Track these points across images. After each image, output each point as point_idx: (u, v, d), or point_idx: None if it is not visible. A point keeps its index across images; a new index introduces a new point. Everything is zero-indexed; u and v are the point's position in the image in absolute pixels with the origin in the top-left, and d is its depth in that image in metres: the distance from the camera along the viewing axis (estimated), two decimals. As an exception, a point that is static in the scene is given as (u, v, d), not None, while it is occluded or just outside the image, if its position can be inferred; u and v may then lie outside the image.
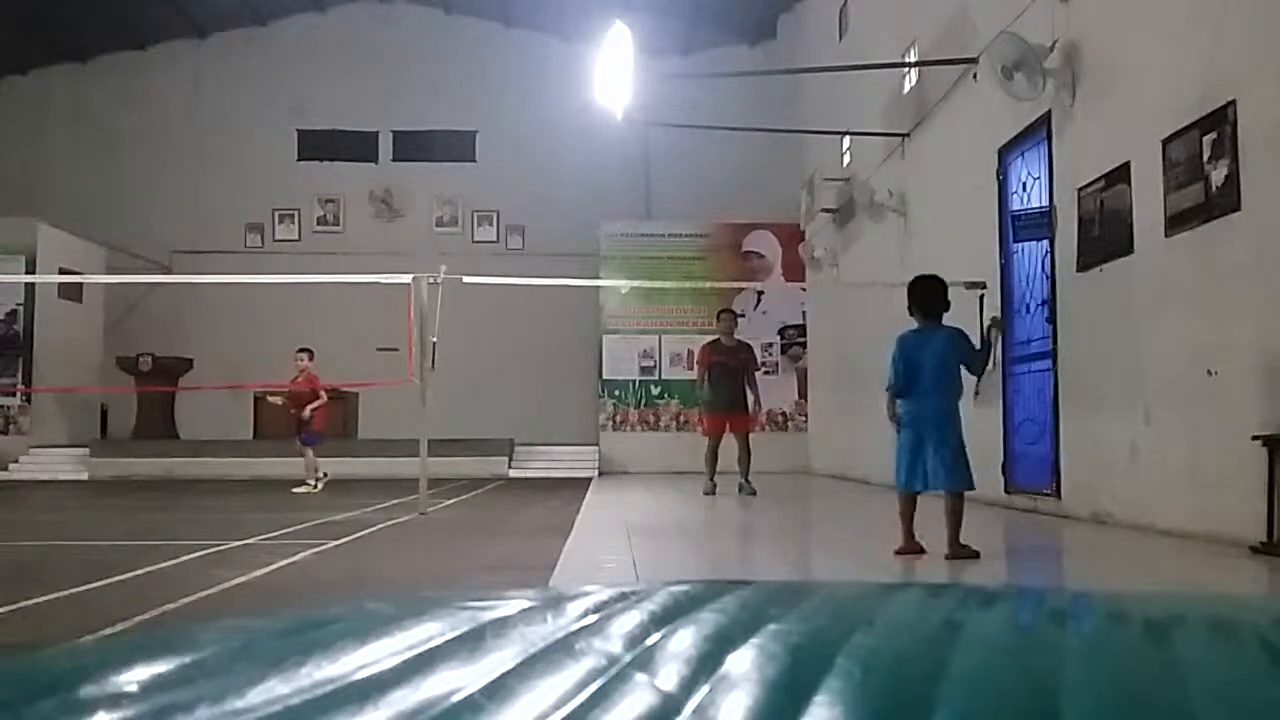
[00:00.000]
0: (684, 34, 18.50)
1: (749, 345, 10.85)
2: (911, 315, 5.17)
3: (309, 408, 11.45)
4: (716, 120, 14.77)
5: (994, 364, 8.02)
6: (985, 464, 8.62)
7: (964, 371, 5.14)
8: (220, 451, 15.64)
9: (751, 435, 10.34)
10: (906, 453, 5.00)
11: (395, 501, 9.08)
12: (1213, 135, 5.54)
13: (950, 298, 5.18)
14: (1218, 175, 5.50)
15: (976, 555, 4.86)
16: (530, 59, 19.02)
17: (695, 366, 10.95)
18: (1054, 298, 7.56)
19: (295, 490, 10.99)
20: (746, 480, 10.09)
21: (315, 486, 11.21)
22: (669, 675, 0.58)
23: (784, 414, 16.98)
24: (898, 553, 5.01)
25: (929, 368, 4.99)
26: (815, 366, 16.69)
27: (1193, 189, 5.72)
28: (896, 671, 0.62)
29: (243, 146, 19.02)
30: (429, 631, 0.68)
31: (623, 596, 0.80)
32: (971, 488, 5.04)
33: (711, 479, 10.30)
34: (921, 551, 4.97)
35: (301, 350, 11.89)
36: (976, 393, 8.70)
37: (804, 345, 17.00)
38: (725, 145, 16.59)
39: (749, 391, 10.20)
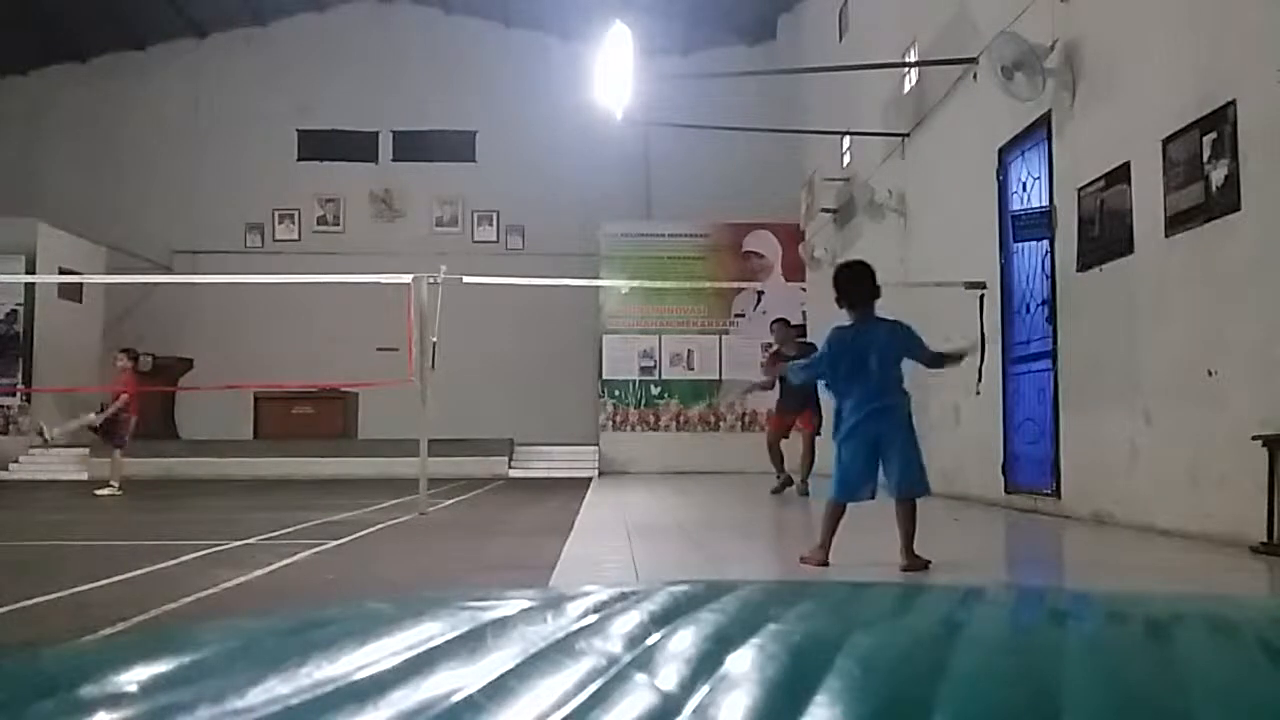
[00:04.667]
0: (684, 34, 18.50)
1: (812, 346, 11.10)
2: (840, 307, 4.61)
3: (106, 412, 11.00)
4: (716, 120, 14.77)
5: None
6: (985, 464, 8.67)
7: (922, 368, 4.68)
8: (220, 451, 15.64)
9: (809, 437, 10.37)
10: (860, 461, 4.44)
11: (395, 501, 9.08)
12: (1213, 135, 5.54)
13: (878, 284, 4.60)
14: (1218, 175, 5.50)
15: (928, 565, 4.41)
16: (530, 59, 19.02)
17: (765, 375, 10.85)
18: (1054, 298, 7.56)
19: (98, 492, 10.68)
20: (804, 481, 10.08)
21: (117, 489, 10.74)
22: (669, 675, 0.58)
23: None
24: (806, 560, 4.56)
25: (875, 366, 4.41)
26: (815, 366, 16.68)
27: (1193, 189, 5.72)
28: (896, 671, 0.62)
29: (243, 146, 19.02)
30: (429, 631, 0.68)
31: (623, 596, 0.80)
32: (930, 493, 4.59)
33: (780, 475, 10.26)
34: (827, 564, 4.48)
35: (122, 350, 11.58)
36: (978, 391, 8.72)
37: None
38: (725, 145, 16.58)
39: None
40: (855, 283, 4.58)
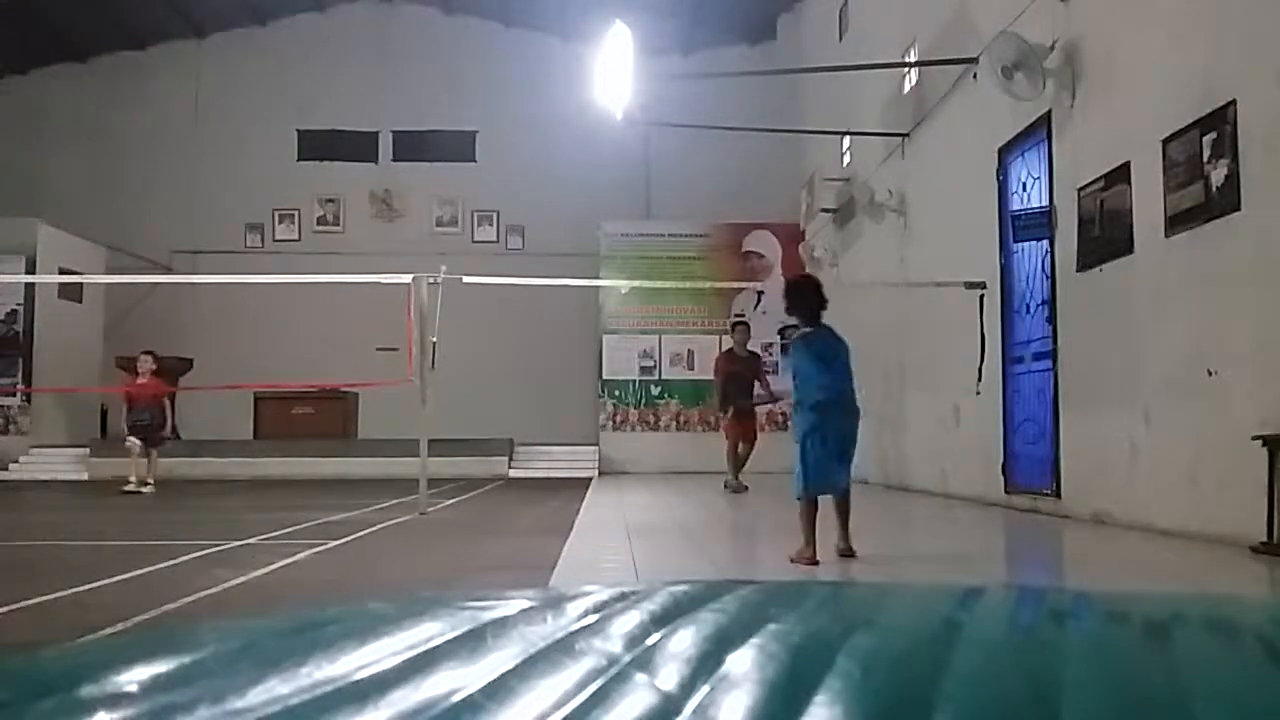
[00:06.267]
0: (684, 34, 18.50)
1: (759, 355, 11.82)
2: (796, 316, 5.07)
3: (170, 419, 11.60)
4: (716, 120, 14.76)
5: None
6: (985, 464, 8.66)
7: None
8: (220, 451, 15.63)
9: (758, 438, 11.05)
10: (834, 456, 4.83)
11: (395, 501, 9.08)
12: (1213, 135, 5.54)
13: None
14: (1218, 175, 5.50)
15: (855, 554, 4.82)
16: (530, 59, 19.02)
17: (714, 375, 11.47)
18: (1054, 298, 7.56)
19: (125, 490, 11.04)
20: (737, 477, 10.65)
21: (149, 488, 11.23)
22: (669, 675, 0.58)
23: (783, 414, 16.97)
24: (796, 560, 4.71)
25: (843, 371, 4.91)
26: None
27: (1193, 189, 5.72)
28: (896, 671, 0.62)
29: (243, 146, 19.02)
30: (429, 631, 0.68)
31: (623, 596, 0.80)
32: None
33: (736, 477, 10.67)
34: (817, 562, 4.70)
35: (145, 353, 12.00)
36: (978, 391, 8.72)
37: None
38: (725, 145, 16.58)
39: (765, 395, 10.88)
40: (814, 295, 5.00)
